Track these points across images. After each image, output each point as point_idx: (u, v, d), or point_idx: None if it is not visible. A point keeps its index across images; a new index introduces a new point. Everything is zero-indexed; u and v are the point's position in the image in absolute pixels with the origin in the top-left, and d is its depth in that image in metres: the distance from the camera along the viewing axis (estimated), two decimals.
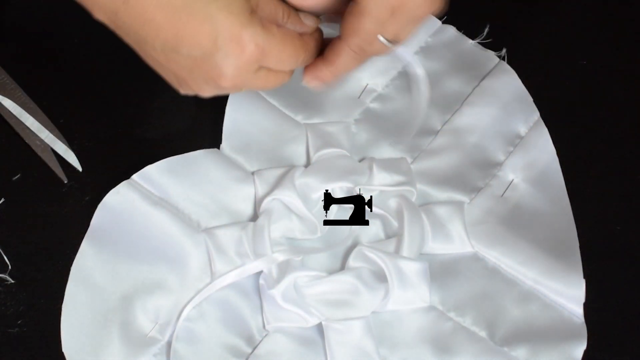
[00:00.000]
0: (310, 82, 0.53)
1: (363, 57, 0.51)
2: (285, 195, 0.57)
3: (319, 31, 0.51)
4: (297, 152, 0.60)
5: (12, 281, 0.56)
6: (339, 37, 0.51)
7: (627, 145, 0.63)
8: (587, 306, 0.56)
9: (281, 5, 0.50)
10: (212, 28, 0.46)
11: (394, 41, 0.51)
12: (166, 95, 0.60)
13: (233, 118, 0.61)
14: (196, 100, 0.63)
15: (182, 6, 0.47)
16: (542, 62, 0.60)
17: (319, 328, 0.54)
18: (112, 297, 0.55)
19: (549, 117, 0.62)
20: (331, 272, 0.56)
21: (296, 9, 0.51)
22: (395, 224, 0.58)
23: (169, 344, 0.54)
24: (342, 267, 0.57)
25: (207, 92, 0.50)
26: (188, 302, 0.55)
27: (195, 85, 0.50)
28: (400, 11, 0.50)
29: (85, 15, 0.51)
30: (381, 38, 0.50)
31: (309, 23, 0.51)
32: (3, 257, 0.56)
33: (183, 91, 0.51)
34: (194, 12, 0.46)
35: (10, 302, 0.55)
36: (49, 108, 0.61)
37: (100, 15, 0.49)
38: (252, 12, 0.47)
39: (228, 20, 0.46)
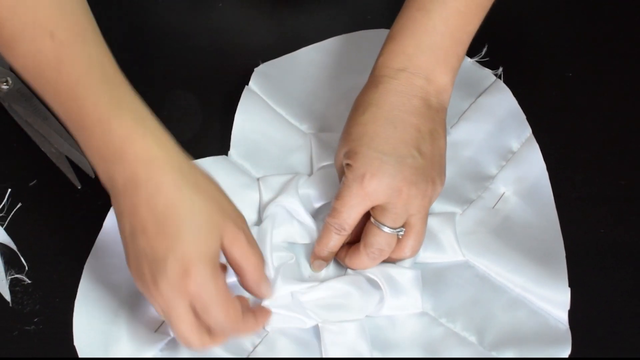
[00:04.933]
0: (314, 265, 0.57)
1: (342, 234, 0.55)
2: (288, 201, 0.58)
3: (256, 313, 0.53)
4: (301, 160, 0.61)
5: (29, 281, 0.57)
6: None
7: (611, 153, 0.64)
8: (571, 313, 0.56)
9: (248, 257, 0.51)
10: (172, 245, 0.48)
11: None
12: (176, 104, 0.62)
13: (241, 126, 0.62)
14: (204, 109, 0.65)
15: (158, 209, 0.48)
16: (532, 75, 0.61)
17: (315, 329, 0.55)
18: (122, 295, 0.56)
19: (535, 127, 0.63)
20: (328, 279, 0.57)
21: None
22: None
23: (174, 340, 0.54)
24: (339, 274, 0.58)
25: (139, 285, 0.50)
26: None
27: (134, 273, 0.50)
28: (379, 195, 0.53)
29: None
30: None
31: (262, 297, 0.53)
32: (20, 259, 0.58)
33: (133, 276, 0.51)
34: (166, 222, 0.48)
35: (27, 301, 0.56)
36: None
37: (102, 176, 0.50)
38: (215, 259, 0.49)
39: (189, 247, 0.48)
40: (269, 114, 0.63)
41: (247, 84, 0.64)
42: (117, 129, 0.49)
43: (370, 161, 0.53)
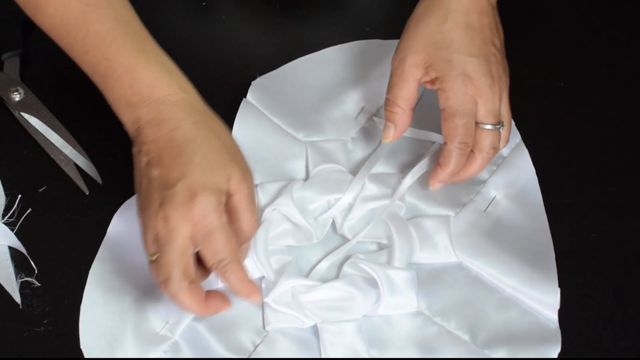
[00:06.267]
0: (434, 186, 0.57)
1: (468, 149, 0.56)
2: (284, 205, 0.59)
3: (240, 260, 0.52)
4: (298, 167, 0.62)
5: (38, 284, 0.58)
6: (445, 143, 0.56)
7: (601, 160, 0.64)
8: (561, 313, 0.57)
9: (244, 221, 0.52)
10: (184, 172, 0.50)
11: (497, 122, 0.56)
12: None
13: (239, 135, 0.63)
14: None
15: (175, 142, 0.51)
16: (523, 84, 0.61)
17: (315, 329, 0.56)
18: (127, 299, 0.57)
19: (529, 134, 0.63)
20: (326, 280, 0.57)
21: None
22: (385, 241, 0.59)
23: (178, 342, 0.55)
24: (337, 275, 0.58)
25: (144, 215, 0.51)
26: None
27: (145, 201, 0.52)
28: (479, 95, 0.55)
29: None
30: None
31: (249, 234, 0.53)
32: (30, 262, 0.58)
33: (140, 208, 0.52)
34: (181, 153, 0.50)
35: (36, 303, 0.57)
36: (72, 126, 0.64)
37: (126, 118, 0.53)
38: (221, 193, 0.50)
39: (199, 176, 0.50)
40: (266, 124, 0.64)
41: (245, 97, 0.65)
42: (145, 77, 0.52)
43: (465, 65, 0.56)
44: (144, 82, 0.52)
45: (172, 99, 0.53)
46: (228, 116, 0.64)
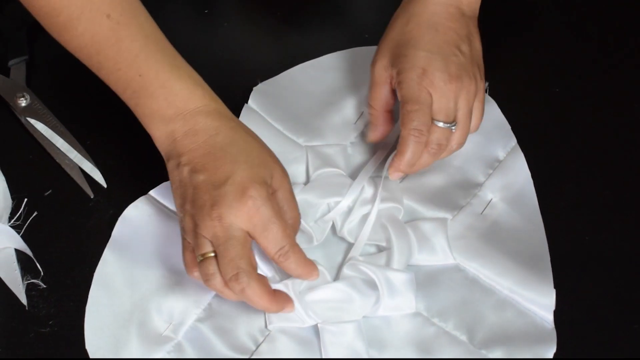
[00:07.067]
0: (393, 176, 0.57)
1: (423, 138, 0.56)
2: None
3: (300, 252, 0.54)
4: (298, 171, 0.63)
5: (44, 286, 0.58)
6: (401, 132, 0.56)
7: (595, 164, 0.65)
8: (557, 314, 0.57)
9: (293, 203, 0.54)
10: (232, 171, 0.51)
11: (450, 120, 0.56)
12: None
13: None
14: None
15: (217, 146, 0.52)
16: (520, 91, 0.61)
17: (316, 329, 0.56)
18: (131, 300, 0.57)
19: (525, 139, 0.64)
20: (327, 281, 0.58)
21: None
22: (384, 243, 0.60)
23: (181, 342, 0.56)
24: (337, 277, 0.59)
25: (197, 217, 0.52)
26: (198, 304, 0.57)
27: (193, 206, 0.52)
28: (433, 89, 0.55)
29: None
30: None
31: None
32: (36, 265, 0.59)
33: (180, 213, 0.54)
34: (225, 154, 0.52)
35: (42, 305, 0.58)
36: (77, 131, 0.64)
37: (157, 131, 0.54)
38: (268, 187, 0.52)
39: (246, 172, 0.51)
40: (267, 129, 0.64)
41: (247, 102, 0.66)
42: (180, 91, 0.53)
43: (420, 59, 0.57)
44: (179, 96, 0.53)
45: (206, 109, 0.54)
46: None
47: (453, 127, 0.58)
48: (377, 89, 0.60)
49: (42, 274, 0.59)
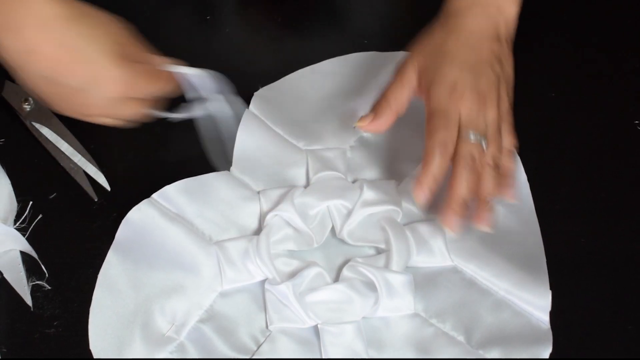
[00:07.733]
0: (419, 197, 0.56)
1: (448, 150, 0.55)
2: (285, 211, 0.59)
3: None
4: (298, 175, 0.63)
5: (49, 287, 0.59)
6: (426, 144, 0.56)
7: (591, 168, 0.65)
8: (552, 315, 0.58)
9: (139, 46, 0.56)
10: (90, 67, 0.52)
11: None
12: (183, 125, 0.62)
13: (242, 144, 0.63)
14: None
15: (65, 44, 0.52)
16: (516, 95, 0.61)
17: (316, 330, 0.57)
18: (134, 301, 0.58)
19: (521, 143, 0.63)
20: (327, 283, 0.58)
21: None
22: (383, 245, 0.60)
23: (183, 343, 0.56)
24: (337, 278, 0.59)
25: (74, 115, 0.55)
26: (200, 305, 0.57)
27: (67, 109, 0.55)
28: (463, 105, 0.56)
29: None
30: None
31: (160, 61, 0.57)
32: (41, 266, 0.59)
33: (57, 110, 0.56)
34: (75, 50, 0.52)
35: (47, 306, 0.58)
36: (81, 135, 0.64)
37: None
38: (122, 55, 0.54)
39: (104, 62, 0.52)
40: (268, 134, 0.64)
41: (248, 107, 0.66)
42: None
43: (453, 75, 0.57)
44: None
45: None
46: None
47: (484, 142, 0.57)
48: (401, 89, 0.60)
49: (47, 275, 0.59)
